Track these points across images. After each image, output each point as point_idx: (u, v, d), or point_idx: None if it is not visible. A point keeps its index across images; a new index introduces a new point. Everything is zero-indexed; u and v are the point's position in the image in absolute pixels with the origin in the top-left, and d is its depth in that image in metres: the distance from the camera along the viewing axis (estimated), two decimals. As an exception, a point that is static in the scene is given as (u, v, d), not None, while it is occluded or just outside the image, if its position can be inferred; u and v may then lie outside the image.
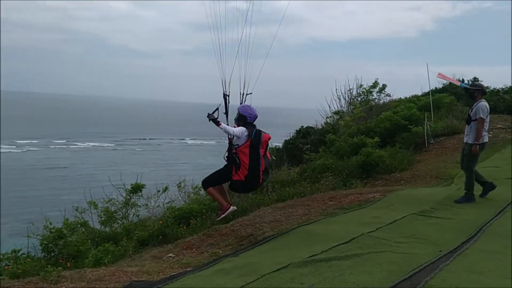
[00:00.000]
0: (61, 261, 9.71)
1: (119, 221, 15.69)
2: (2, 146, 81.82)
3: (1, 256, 9.58)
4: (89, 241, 11.10)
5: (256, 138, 6.72)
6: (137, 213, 16.33)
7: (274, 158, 26.79)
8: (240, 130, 6.81)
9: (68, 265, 9.40)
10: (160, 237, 11.31)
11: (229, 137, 6.95)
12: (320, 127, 28.44)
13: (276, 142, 30.29)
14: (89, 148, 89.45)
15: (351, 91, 31.79)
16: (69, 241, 10.31)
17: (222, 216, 7.75)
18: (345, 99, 31.85)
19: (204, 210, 13.78)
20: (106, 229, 14.91)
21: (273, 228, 8.54)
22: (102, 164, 69.91)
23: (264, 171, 6.99)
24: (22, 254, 10.13)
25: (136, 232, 11.87)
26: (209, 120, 6.78)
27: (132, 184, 16.71)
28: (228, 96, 7.13)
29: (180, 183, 19.50)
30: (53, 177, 58.41)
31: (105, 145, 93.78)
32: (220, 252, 7.85)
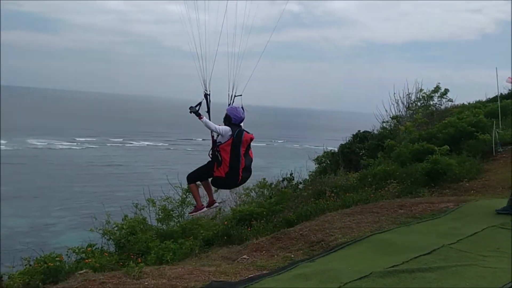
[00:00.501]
0: (132, 256, 10.04)
1: (175, 219, 16.06)
2: (63, 143, 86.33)
3: (77, 250, 10.02)
4: (157, 238, 11.38)
5: (237, 137, 6.89)
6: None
7: (328, 162, 26.53)
8: (224, 129, 6.99)
9: (140, 260, 9.69)
10: (225, 237, 11.45)
11: (212, 134, 7.13)
12: (376, 132, 27.83)
13: (331, 146, 29.94)
14: (144, 147, 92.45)
15: (410, 95, 30.91)
16: (140, 237, 10.62)
17: (193, 214, 8.15)
18: (403, 103, 31.00)
19: (264, 213, 13.86)
20: (163, 227, 15.29)
21: (345, 234, 8.42)
22: (155, 162, 72.09)
23: (244, 169, 7.05)
24: (96, 248, 10.54)
25: (202, 231, 12.07)
26: (190, 113, 7.01)
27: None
28: (209, 95, 7.29)
29: (231, 184, 19.71)
30: (109, 174, 60.78)
31: (159, 144, 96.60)
32: (292, 256, 7.83)
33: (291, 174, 23.27)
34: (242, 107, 7.32)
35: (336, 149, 27.04)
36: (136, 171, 64.20)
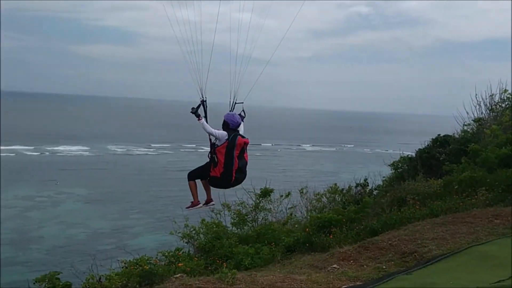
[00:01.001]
0: (218, 261, 10.24)
1: (249, 223, 16.16)
2: (140, 149, 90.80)
3: (167, 253, 10.39)
4: (240, 244, 11.52)
5: (232, 141, 7.30)
6: (266, 217, 16.67)
7: (406, 167, 25.45)
8: (221, 133, 7.39)
9: (225, 265, 9.87)
10: (307, 244, 11.35)
11: (210, 137, 7.54)
12: (457, 135, 26.34)
13: (405, 150, 28.77)
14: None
15: (493, 96, 28.95)
16: (224, 242, 10.82)
17: (189, 208, 8.54)
18: (485, 105, 29.11)
19: (344, 220, 13.57)
20: (238, 231, 15.44)
21: (439, 246, 8.02)
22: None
23: (237, 170, 7.43)
24: (183, 252, 10.87)
25: (283, 238, 12.05)
26: (191, 113, 7.43)
27: (261, 189, 17.09)
28: (205, 101, 7.63)
29: (302, 189, 19.59)
30: (183, 178, 62.78)
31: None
32: (384, 267, 7.58)
33: (365, 180, 22.60)
34: (243, 111, 7.79)
35: (412, 154, 25.91)
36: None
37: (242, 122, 7.71)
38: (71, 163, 69.24)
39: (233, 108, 7.79)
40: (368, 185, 22.96)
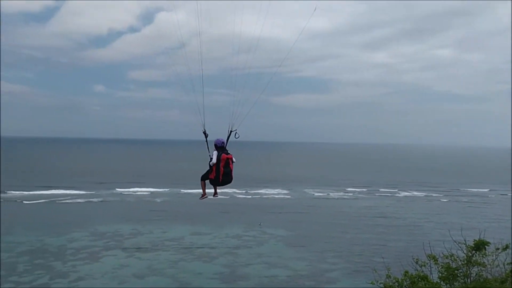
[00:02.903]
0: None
1: (459, 279, 14.45)
2: (336, 193, 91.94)
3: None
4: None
5: (218, 158, 10.97)
6: (480, 273, 14.68)
7: None
8: (214, 153, 11.06)
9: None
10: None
11: (209, 155, 11.16)
12: None
13: None
14: (415, 197, 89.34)
15: None
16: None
17: (201, 198, 11.87)
18: None
19: None
20: (447, 287, 13.92)
21: None
22: (427, 214, 68.44)
23: (223, 175, 10.99)
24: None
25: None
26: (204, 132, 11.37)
27: (475, 240, 15.22)
28: (205, 133, 11.44)
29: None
30: (379, 224, 60.79)
31: (433, 194, 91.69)
32: None
33: None
34: (236, 134, 11.31)
35: None
36: (407, 222, 62.33)
37: (225, 141, 11.29)
38: (273, 206, 74.29)
39: (229, 136, 11.33)
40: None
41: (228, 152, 11.10)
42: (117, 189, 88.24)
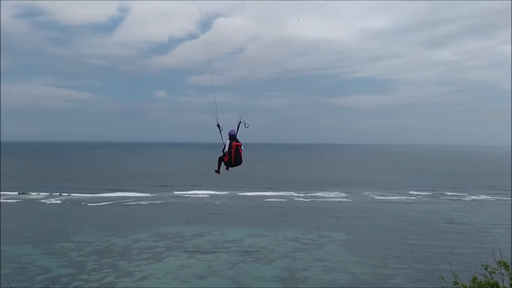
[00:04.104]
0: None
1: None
2: (397, 196, 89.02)
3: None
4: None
5: (229, 145, 13.23)
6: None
7: None
8: (227, 142, 13.25)
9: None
10: None
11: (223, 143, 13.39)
12: None
13: None
14: (484, 201, 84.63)
15: None
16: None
17: (216, 171, 13.59)
18: None
19: None
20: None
21: None
22: (497, 219, 64.56)
23: (234, 159, 13.31)
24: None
25: None
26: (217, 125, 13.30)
27: None
28: (219, 126, 13.32)
29: None
30: (444, 229, 58.08)
31: (504, 198, 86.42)
32: None
33: None
34: (245, 124, 13.34)
35: None
36: (475, 228, 59.08)
37: (236, 132, 13.43)
38: (331, 209, 73.25)
39: (239, 126, 13.41)
40: None
41: (238, 140, 13.65)
42: (177, 191, 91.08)
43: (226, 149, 13.40)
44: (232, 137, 13.48)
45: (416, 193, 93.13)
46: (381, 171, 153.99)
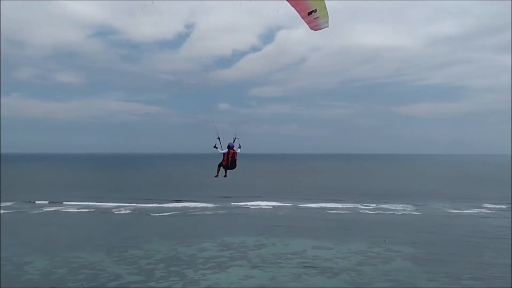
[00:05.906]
0: None
1: None
2: (470, 209, 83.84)
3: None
4: None
5: (227, 153, 18.27)
6: None
7: None
8: (225, 150, 18.20)
9: None
10: None
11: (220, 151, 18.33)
12: None
13: None
14: None
15: None
16: None
17: (215, 177, 18.74)
18: None
19: None
20: None
21: None
22: None
23: (231, 163, 18.38)
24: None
25: None
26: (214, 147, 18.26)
27: None
28: (219, 138, 18.12)
29: None
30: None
31: None
32: None
33: None
34: (235, 138, 18.42)
35: None
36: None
37: (234, 144, 18.35)
38: (399, 222, 70.57)
39: (234, 140, 18.32)
40: None
41: (234, 149, 18.33)
42: (240, 202, 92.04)
43: (224, 151, 18.25)
44: (229, 147, 18.41)
45: (491, 206, 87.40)
46: (453, 182, 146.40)
